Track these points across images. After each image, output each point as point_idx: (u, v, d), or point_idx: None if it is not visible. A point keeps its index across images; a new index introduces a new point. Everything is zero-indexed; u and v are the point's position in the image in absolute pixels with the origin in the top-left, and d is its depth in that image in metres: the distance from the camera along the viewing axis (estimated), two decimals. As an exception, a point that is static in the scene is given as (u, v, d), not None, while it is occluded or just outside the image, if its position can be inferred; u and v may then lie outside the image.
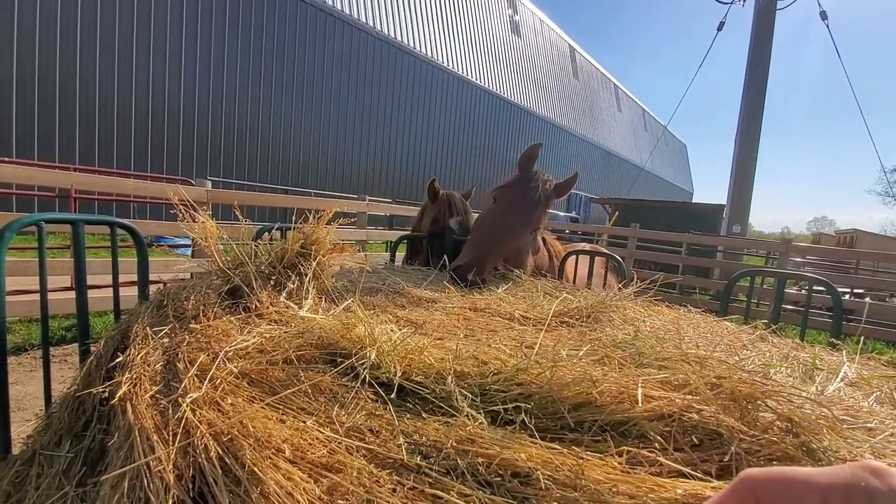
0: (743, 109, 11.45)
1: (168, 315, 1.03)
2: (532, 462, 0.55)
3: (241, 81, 13.19)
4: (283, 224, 2.34)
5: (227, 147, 13.15)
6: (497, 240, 1.95)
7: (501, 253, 1.97)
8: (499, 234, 1.97)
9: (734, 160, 11.54)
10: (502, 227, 1.99)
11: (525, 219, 2.03)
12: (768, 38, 11.21)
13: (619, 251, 7.18)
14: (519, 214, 2.02)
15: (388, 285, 1.52)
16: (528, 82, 24.92)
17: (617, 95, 36.25)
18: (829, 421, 0.63)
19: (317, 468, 0.54)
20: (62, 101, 10.04)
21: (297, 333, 0.91)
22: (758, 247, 9.95)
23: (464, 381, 0.74)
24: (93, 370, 0.98)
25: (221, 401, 0.68)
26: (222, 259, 1.22)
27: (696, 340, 1.03)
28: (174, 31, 11.74)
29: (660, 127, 38.37)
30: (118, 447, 0.65)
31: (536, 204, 2.05)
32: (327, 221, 1.33)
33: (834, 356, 1.12)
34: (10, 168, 3.95)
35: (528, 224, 2.04)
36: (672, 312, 1.39)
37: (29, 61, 9.51)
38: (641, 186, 32.11)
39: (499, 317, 1.23)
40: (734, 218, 11.24)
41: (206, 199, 4.45)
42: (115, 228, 1.49)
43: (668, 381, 0.73)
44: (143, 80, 11.29)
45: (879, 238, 16.72)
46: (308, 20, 14.55)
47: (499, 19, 23.12)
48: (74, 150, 10.23)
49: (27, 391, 2.89)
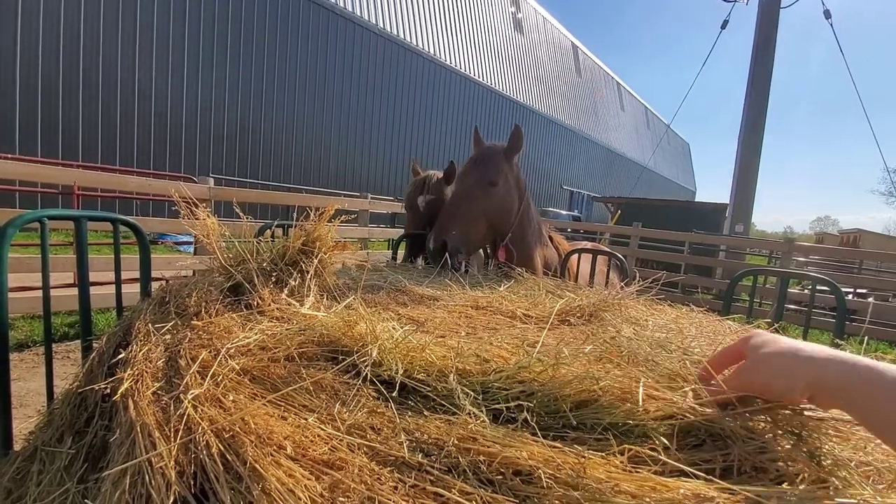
0: (746, 108, 11.40)
1: (170, 312, 1.03)
2: (534, 460, 0.55)
3: (244, 79, 13.20)
4: (284, 221, 2.34)
5: (229, 145, 13.16)
6: (453, 204, 2.11)
7: (465, 216, 2.07)
8: (455, 199, 2.13)
9: (737, 159, 11.51)
10: (457, 193, 2.14)
11: (473, 175, 2.14)
12: (772, 37, 11.16)
13: (622, 250, 7.17)
14: (468, 175, 2.16)
15: (390, 283, 1.52)
16: (531, 80, 24.88)
17: (620, 94, 36.17)
18: (830, 424, 0.63)
19: (318, 465, 0.54)
20: (65, 97, 10.06)
21: (298, 331, 0.91)
22: (760, 246, 9.93)
23: (466, 379, 0.73)
24: (95, 366, 0.98)
25: (223, 397, 0.67)
26: (224, 256, 1.21)
27: (697, 339, 1.03)
28: (177, 28, 11.74)
29: (663, 125, 38.28)
30: (120, 443, 0.65)
31: (482, 161, 2.17)
32: (329, 219, 1.33)
33: (837, 356, 1.12)
34: (13, 164, 3.96)
35: (484, 178, 2.12)
36: (674, 311, 1.38)
37: (32, 58, 9.53)
38: (644, 185, 32.05)
39: (501, 315, 1.23)
40: (737, 217, 11.21)
41: (208, 196, 4.46)
42: (118, 225, 1.49)
43: (672, 380, 0.73)
44: (147, 78, 11.31)
45: (883, 238, 16.67)
46: (311, 18, 14.54)
47: (502, 17, 23.07)
48: (77, 147, 10.26)
49: (29, 387, 2.90)
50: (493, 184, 2.12)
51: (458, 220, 2.05)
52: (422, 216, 2.59)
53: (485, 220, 2.12)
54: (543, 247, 2.48)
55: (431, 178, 2.70)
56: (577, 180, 29.63)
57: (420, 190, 2.67)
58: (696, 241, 7.89)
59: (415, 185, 2.73)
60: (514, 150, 2.22)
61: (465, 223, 2.05)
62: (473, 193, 2.10)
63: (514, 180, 2.24)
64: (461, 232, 2.02)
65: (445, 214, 2.08)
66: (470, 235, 2.08)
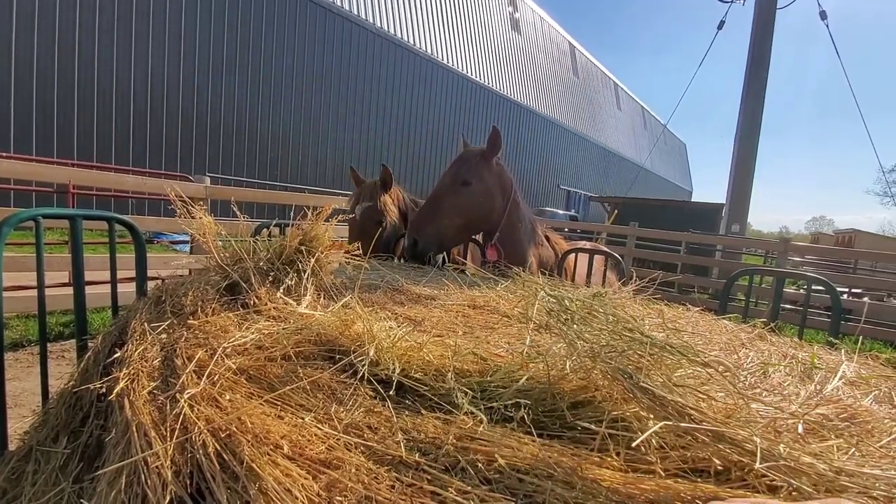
0: (743, 109, 11.44)
1: (166, 311, 1.02)
2: (530, 460, 0.55)
3: (241, 78, 13.15)
4: (281, 220, 2.33)
5: (225, 144, 13.12)
6: (427, 203, 2.21)
7: (438, 213, 2.14)
8: (430, 198, 2.23)
9: (733, 159, 11.54)
10: (432, 193, 2.24)
11: (451, 176, 2.22)
12: (768, 38, 11.19)
13: (619, 249, 7.18)
14: (444, 176, 2.26)
15: (387, 282, 1.52)
16: (528, 80, 24.89)
17: (617, 94, 36.22)
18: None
19: (315, 465, 0.54)
20: (60, 96, 10.00)
21: (295, 330, 0.91)
22: (757, 246, 9.96)
23: (463, 379, 0.73)
24: (90, 366, 0.98)
25: (219, 397, 0.67)
26: (221, 255, 1.21)
27: (695, 339, 1.03)
28: (173, 27, 11.69)
29: (659, 126, 38.36)
30: (115, 443, 0.65)
31: (457, 162, 2.27)
32: (326, 218, 1.33)
33: (832, 355, 1.12)
34: (8, 163, 3.94)
35: (457, 178, 2.20)
36: (671, 311, 1.39)
37: (27, 57, 9.47)
38: (641, 185, 32.11)
39: (497, 314, 1.23)
40: (733, 217, 11.25)
41: (204, 195, 4.44)
42: (114, 224, 1.49)
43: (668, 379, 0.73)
44: (143, 76, 11.26)
45: (878, 238, 16.76)
46: (308, 17, 14.50)
47: (499, 16, 23.07)
48: (73, 146, 10.20)
49: (24, 387, 2.88)
50: (465, 183, 2.18)
51: (431, 218, 2.12)
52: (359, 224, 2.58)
53: (459, 218, 2.17)
54: (538, 246, 2.48)
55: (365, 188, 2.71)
56: (575, 180, 29.67)
57: (357, 199, 2.68)
58: (692, 240, 7.91)
59: (356, 194, 2.75)
60: (492, 151, 2.27)
61: (437, 221, 2.12)
62: (446, 192, 2.17)
63: (494, 180, 2.27)
64: (433, 230, 2.10)
65: (419, 214, 2.17)
66: (442, 233, 2.14)
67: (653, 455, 0.56)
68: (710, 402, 0.65)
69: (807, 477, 0.52)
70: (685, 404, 0.60)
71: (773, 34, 11.26)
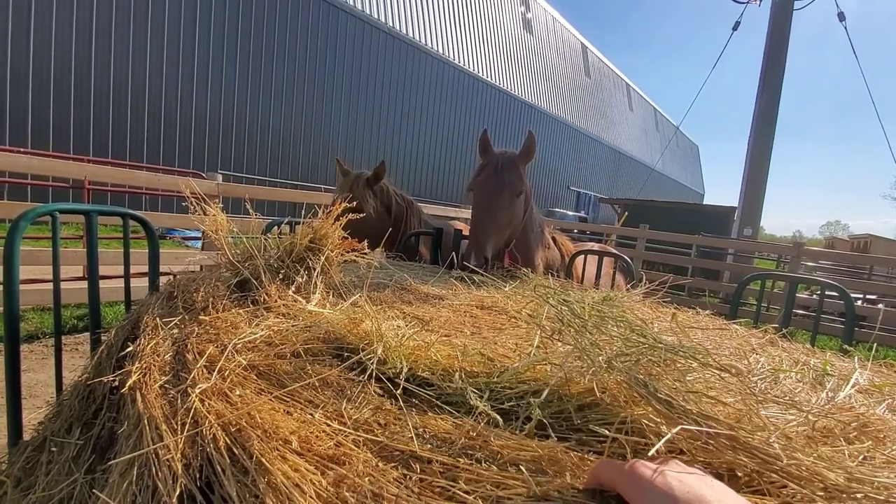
0: (757, 111, 11.30)
1: (178, 306, 1.04)
2: (537, 462, 0.55)
3: (253, 77, 13.27)
4: (292, 218, 2.35)
5: (238, 142, 13.24)
6: (485, 217, 2.04)
7: (497, 228, 2.03)
8: (486, 212, 2.06)
9: (747, 162, 11.41)
10: (485, 205, 2.07)
11: (500, 186, 2.10)
12: (784, 39, 11.04)
13: (628, 252, 7.13)
14: (494, 186, 2.11)
15: (396, 281, 1.52)
16: (540, 80, 24.80)
17: (629, 95, 35.95)
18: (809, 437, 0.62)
19: (323, 460, 0.55)
20: (77, 94, 10.17)
21: (304, 327, 0.92)
22: (769, 250, 9.84)
23: (471, 379, 0.73)
24: (103, 359, 1.00)
25: (230, 392, 0.68)
26: (232, 252, 1.22)
27: (703, 343, 1.02)
28: (188, 26, 11.83)
29: (672, 127, 38.02)
30: (127, 435, 0.66)
31: (505, 170, 2.13)
32: (336, 217, 1.34)
33: (845, 362, 1.11)
34: (26, 159, 4.01)
35: (504, 188, 2.09)
36: (681, 314, 1.37)
37: (45, 55, 9.64)
38: (652, 187, 31.85)
39: (505, 315, 1.23)
40: (745, 220, 11.12)
41: (216, 192, 4.49)
42: (128, 220, 1.51)
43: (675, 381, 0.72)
44: (157, 75, 11.41)
45: (894, 244, 16.44)
46: (320, 16, 14.58)
47: (511, 16, 23.01)
48: (88, 142, 10.37)
49: (39, 379, 2.94)
50: (519, 194, 2.10)
51: (493, 233, 2.01)
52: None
53: (510, 228, 2.11)
54: (545, 248, 2.47)
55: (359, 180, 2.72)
56: (585, 181, 29.50)
57: (340, 190, 2.71)
58: (703, 244, 7.83)
59: (339, 187, 2.76)
60: (527, 157, 2.19)
61: (498, 235, 2.03)
62: (502, 205, 2.06)
63: (528, 186, 2.23)
64: (494, 245, 2.01)
65: (480, 228, 2.02)
66: (498, 247, 2.07)
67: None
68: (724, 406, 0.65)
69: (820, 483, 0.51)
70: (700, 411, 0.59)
71: (789, 35, 11.10)
